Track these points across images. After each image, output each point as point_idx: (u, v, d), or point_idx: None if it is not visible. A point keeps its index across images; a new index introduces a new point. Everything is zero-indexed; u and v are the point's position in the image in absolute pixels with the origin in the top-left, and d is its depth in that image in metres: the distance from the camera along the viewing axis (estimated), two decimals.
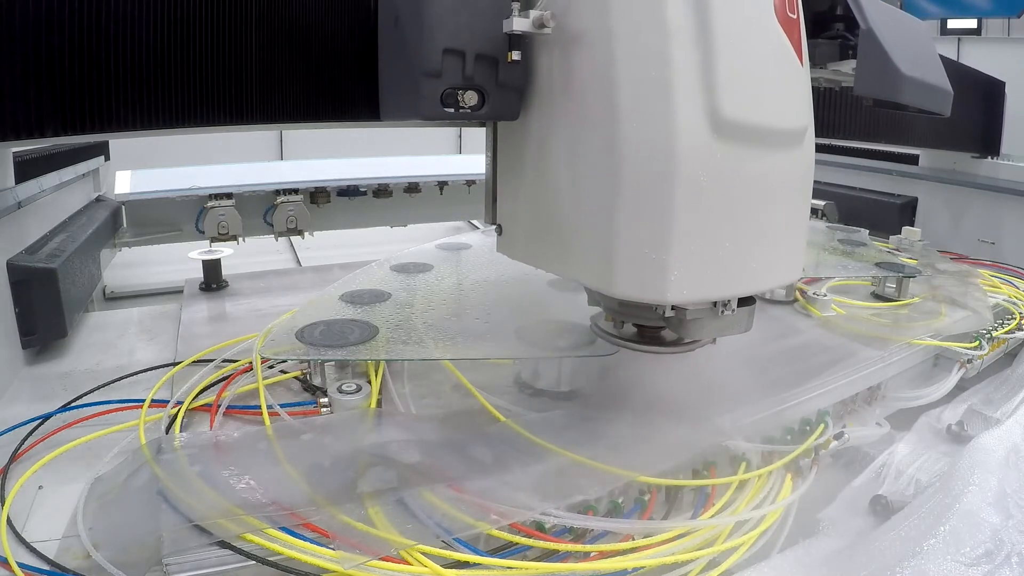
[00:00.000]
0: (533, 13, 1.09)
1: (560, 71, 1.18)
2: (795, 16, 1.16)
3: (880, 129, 3.04)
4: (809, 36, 1.24)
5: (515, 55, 1.13)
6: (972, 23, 7.26)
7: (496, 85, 1.19)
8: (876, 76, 1.39)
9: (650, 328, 1.39)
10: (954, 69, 2.51)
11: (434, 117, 1.18)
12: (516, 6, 1.09)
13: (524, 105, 1.24)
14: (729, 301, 1.22)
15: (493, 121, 1.34)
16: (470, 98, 1.17)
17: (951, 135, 3.25)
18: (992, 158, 3.47)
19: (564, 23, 1.12)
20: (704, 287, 1.15)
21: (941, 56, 1.82)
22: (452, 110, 1.16)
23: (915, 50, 1.50)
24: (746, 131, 1.10)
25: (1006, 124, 3.48)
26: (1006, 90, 3.49)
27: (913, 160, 3.68)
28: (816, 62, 1.44)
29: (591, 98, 1.12)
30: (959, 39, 4.10)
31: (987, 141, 3.46)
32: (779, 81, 1.15)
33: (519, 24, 1.08)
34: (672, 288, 1.11)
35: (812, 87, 1.26)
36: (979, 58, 4.03)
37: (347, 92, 1.41)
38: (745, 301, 1.28)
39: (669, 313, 1.20)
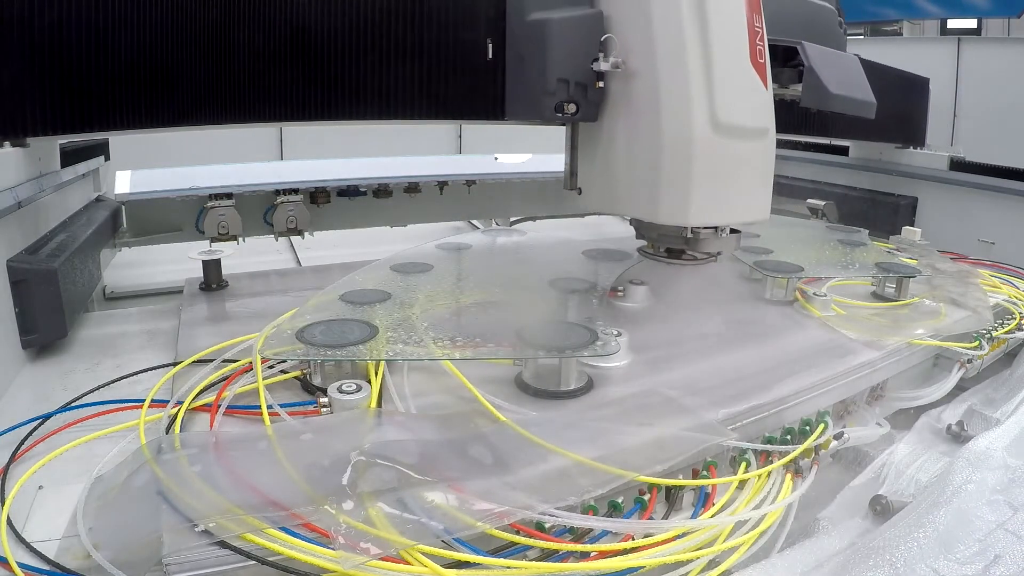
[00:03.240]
0: (611, 58, 1.86)
1: (624, 92, 1.93)
2: (763, 60, 1.95)
3: (817, 125, 3.55)
4: (780, 66, 2.15)
5: (600, 83, 1.90)
6: (972, 23, 7.26)
7: (586, 101, 1.94)
8: (814, 94, 2.14)
9: (675, 250, 2.16)
10: (880, 70, 3.33)
11: (550, 120, 1.97)
12: (601, 55, 1.86)
13: (601, 113, 1.99)
14: (724, 228, 2.01)
15: (578, 123, 2.06)
16: (571, 108, 1.93)
17: (877, 129, 3.53)
18: (915, 148, 3.85)
19: (628, 65, 1.88)
20: (710, 217, 1.94)
21: (871, 61, 2.90)
22: (561, 115, 1.92)
23: (845, 77, 2.25)
24: (731, 128, 1.88)
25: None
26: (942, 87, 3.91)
27: (844, 151, 4.15)
28: (783, 84, 2.19)
29: (644, 108, 1.90)
30: (959, 39, 4.10)
31: (911, 133, 3.87)
32: (751, 99, 1.93)
33: (603, 65, 1.86)
34: (692, 217, 1.90)
35: (780, 100, 2.10)
36: (979, 58, 4.02)
37: (481, 98, 2.03)
38: (733, 231, 2.08)
39: (689, 235, 1.98)
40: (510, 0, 1.97)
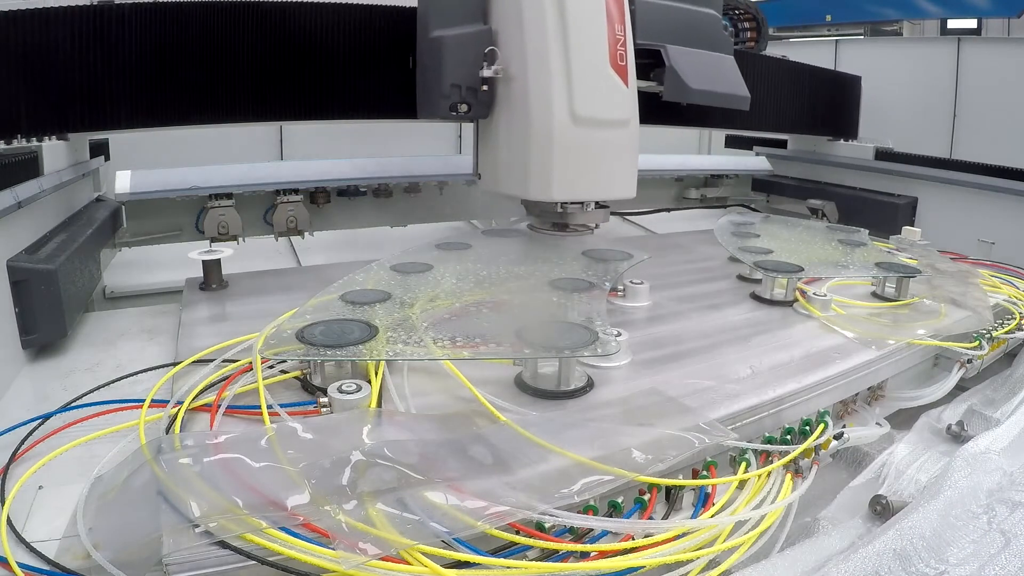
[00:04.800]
0: (494, 66, 2.33)
1: (505, 93, 2.41)
2: (624, 63, 2.39)
3: (776, 122, 4.04)
4: (657, 66, 2.64)
5: (485, 87, 2.38)
6: (972, 23, 7.25)
7: (477, 101, 2.42)
8: (675, 89, 2.61)
9: (560, 224, 2.67)
10: (810, 71, 4.09)
11: (446, 118, 2.47)
12: (485, 64, 2.33)
13: (491, 110, 2.48)
14: (588, 202, 2.56)
15: (473, 120, 2.56)
16: (463, 108, 2.41)
17: (811, 123, 4.19)
18: (845, 140, 4.23)
19: (507, 71, 2.36)
20: (572, 193, 2.46)
21: (803, 64, 4.02)
22: (455, 114, 2.41)
23: (711, 74, 2.73)
24: (590, 120, 2.35)
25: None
26: (863, 84, 4.26)
27: (783, 144, 4.56)
28: (661, 81, 2.63)
29: (518, 106, 2.37)
30: (959, 39, 4.10)
31: (842, 127, 4.25)
32: (610, 96, 2.39)
33: (486, 72, 2.35)
34: (555, 193, 2.40)
35: (652, 94, 2.67)
36: (979, 58, 4.03)
37: (404, 101, 2.57)
38: (601, 205, 2.64)
39: (560, 209, 2.54)
40: (419, 21, 2.44)
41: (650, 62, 2.61)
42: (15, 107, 2.08)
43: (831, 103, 4.22)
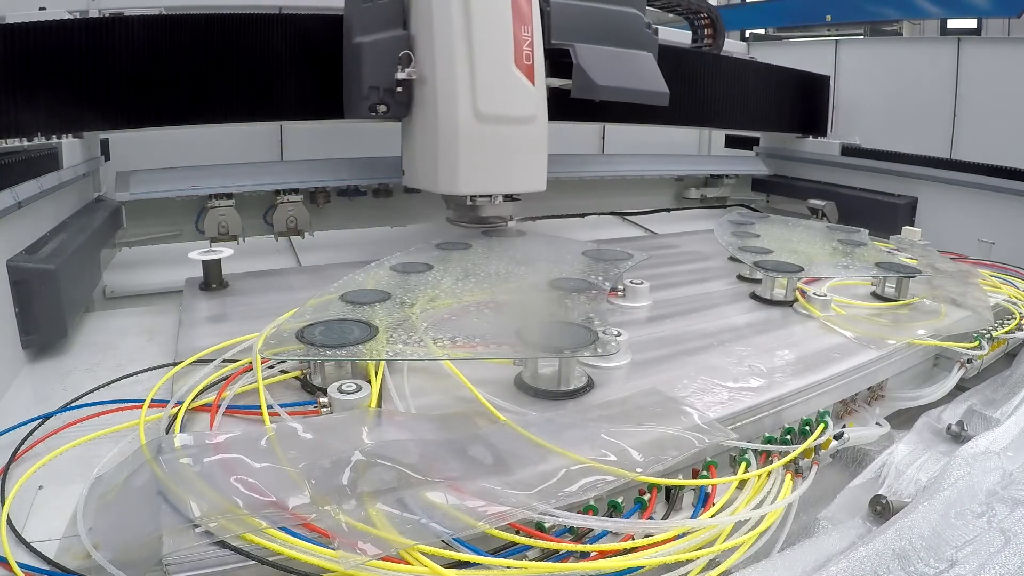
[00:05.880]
0: (407, 69, 2.47)
1: (420, 95, 2.54)
2: (530, 63, 2.49)
3: (746, 121, 4.24)
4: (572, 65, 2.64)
5: (399, 89, 2.50)
6: (972, 23, 7.25)
7: (395, 103, 2.53)
8: (582, 86, 2.62)
9: (478, 218, 2.85)
10: (778, 71, 4.27)
11: (367, 118, 2.57)
12: (400, 67, 2.47)
13: (409, 111, 2.60)
14: (495, 196, 2.67)
15: (394, 120, 2.65)
16: (382, 109, 2.53)
17: (780, 121, 4.38)
18: (814, 137, 4.40)
19: (420, 73, 2.49)
20: (478, 186, 2.58)
21: (770, 64, 4.32)
22: (374, 114, 2.52)
23: (622, 71, 2.74)
24: (493, 118, 2.46)
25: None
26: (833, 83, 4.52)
27: (756, 141, 4.71)
28: (568, 76, 2.64)
29: (428, 105, 2.49)
30: (959, 39, 4.10)
31: (811, 124, 4.44)
32: (515, 94, 2.49)
33: (400, 75, 2.48)
34: (461, 186, 2.52)
35: (564, 91, 2.67)
36: (979, 58, 4.03)
37: (336, 103, 2.67)
38: (509, 198, 2.76)
39: (469, 202, 2.66)
40: (344, 27, 2.57)
41: (567, 61, 2.65)
42: (32, 108, 2.22)
43: (800, 102, 4.38)
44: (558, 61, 2.66)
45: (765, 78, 4.21)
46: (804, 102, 4.41)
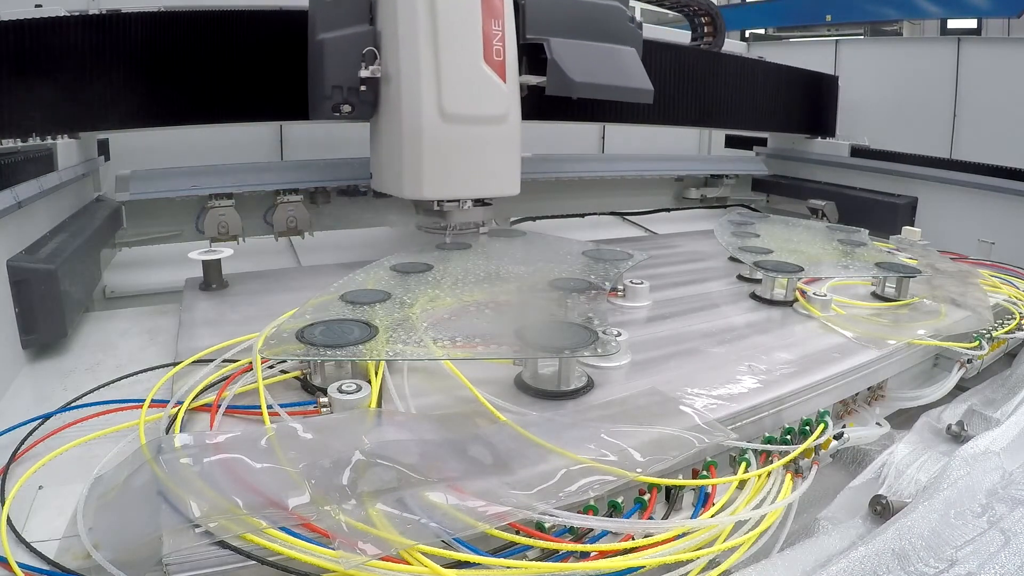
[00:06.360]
0: (371, 67, 2.34)
1: (385, 94, 2.41)
2: (500, 59, 2.35)
3: (753, 121, 4.23)
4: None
5: (363, 87, 2.37)
6: (972, 23, 7.24)
7: (360, 102, 2.40)
8: (558, 83, 2.47)
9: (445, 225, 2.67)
10: (787, 71, 4.25)
11: (331, 119, 2.42)
12: (364, 64, 2.33)
13: (375, 111, 2.47)
14: (464, 200, 2.57)
15: (360, 120, 2.53)
16: (346, 109, 2.38)
17: (789, 121, 4.37)
18: (822, 138, 4.38)
19: (384, 71, 2.36)
20: (443, 191, 2.46)
21: (778, 64, 4.22)
22: (338, 115, 2.38)
23: (601, 67, 2.58)
24: (461, 117, 2.34)
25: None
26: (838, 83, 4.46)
27: (756, 141, 4.73)
28: (543, 73, 2.51)
29: (393, 105, 2.37)
30: (959, 39, 4.10)
31: (818, 125, 4.42)
32: (484, 91, 2.36)
33: (364, 73, 2.34)
34: (425, 191, 2.40)
35: (538, 88, 2.56)
36: (979, 58, 4.03)
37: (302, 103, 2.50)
38: (480, 203, 2.64)
39: (437, 208, 2.57)
40: (309, 24, 2.40)
41: (544, 57, 2.51)
42: (27, 107, 2.20)
43: (808, 102, 4.36)
44: (536, 57, 2.52)
45: (774, 78, 4.17)
46: (813, 102, 4.38)
